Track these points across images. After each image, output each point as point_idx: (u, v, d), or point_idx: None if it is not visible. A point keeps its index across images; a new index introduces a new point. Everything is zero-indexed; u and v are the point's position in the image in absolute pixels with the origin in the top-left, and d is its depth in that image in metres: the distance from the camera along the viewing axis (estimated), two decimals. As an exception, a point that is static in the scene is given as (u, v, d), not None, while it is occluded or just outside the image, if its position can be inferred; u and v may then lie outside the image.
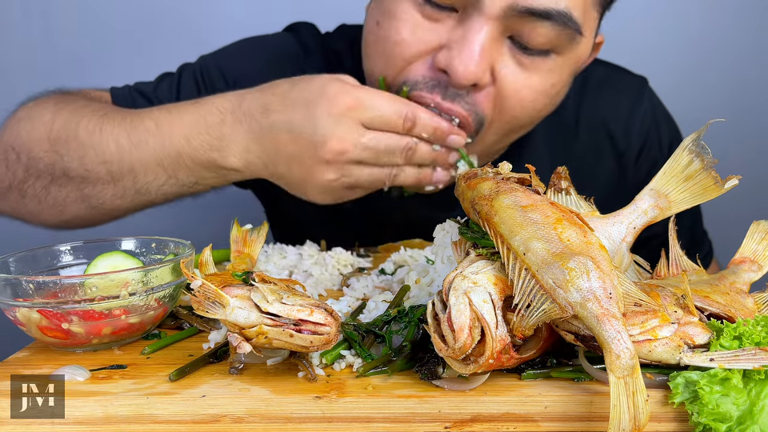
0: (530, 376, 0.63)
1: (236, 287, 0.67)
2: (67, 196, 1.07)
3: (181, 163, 1.03)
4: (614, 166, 1.32)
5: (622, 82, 1.34)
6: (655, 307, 0.61)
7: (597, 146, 1.31)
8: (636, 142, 1.31)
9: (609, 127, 1.31)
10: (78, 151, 1.04)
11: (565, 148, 1.30)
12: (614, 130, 1.31)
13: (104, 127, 1.05)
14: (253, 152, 1.00)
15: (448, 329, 0.58)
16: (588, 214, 0.70)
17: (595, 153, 1.31)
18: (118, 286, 0.71)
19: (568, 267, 0.58)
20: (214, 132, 1.01)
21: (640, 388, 0.53)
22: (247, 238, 0.91)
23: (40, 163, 1.06)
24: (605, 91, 1.31)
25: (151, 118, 1.04)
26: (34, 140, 1.07)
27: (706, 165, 0.70)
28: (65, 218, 1.10)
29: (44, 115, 1.08)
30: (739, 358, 0.58)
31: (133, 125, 1.04)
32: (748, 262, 0.77)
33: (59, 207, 1.09)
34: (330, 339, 0.62)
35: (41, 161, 1.06)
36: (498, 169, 0.73)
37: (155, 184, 1.05)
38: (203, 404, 0.61)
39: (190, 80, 1.26)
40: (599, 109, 1.30)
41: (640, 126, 1.31)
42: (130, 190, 1.05)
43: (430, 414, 0.59)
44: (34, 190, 1.08)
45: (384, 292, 0.88)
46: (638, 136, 1.31)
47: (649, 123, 1.32)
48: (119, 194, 1.06)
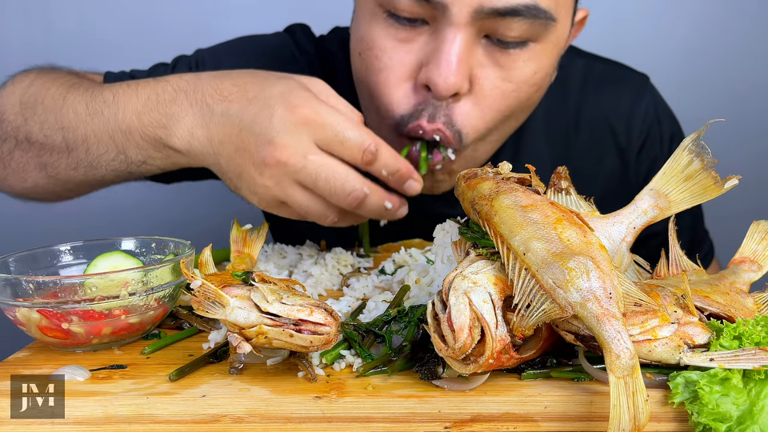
0: (530, 376, 0.63)
1: (236, 287, 0.67)
2: (28, 162, 1.07)
3: (130, 138, 1.00)
4: (617, 163, 1.32)
5: (624, 79, 1.34)
6: (655, 307, 0.61)
7: (599, 143, 1.31)
8: (637, 138, 1.31)
9: (611, 123, 1.31)
10: (41, 116, 1.05)
11: (567, 146, 1.30)
12: (616, 126, 1.31)
13: (68, 96, 1.05)
14: (198, 137, 0.95)
15: (448, 329, 0.58)
16: (588, 214, 0.70)
17: (597, 150, 1.31)
18: (118, 286, 0.71)
19: (568, 267, 0.58)
20: (164, 109, 0.97)
21: (640, 388, 0.53)
22: (247, 238, 0.91)
23: (8, 126, 1.07)
24: (606, 88, 1.32)
25: (110, 91, 1.03)
26: (8, 104, 1.07)
27: (706, 165, 0.70)
28: (27, 186, 1.10)
29: (23, 82, 1.10)
30: (739, 358, 0.58)
31: (93, 96, 1.03)
32: (748, 262, 0.77)
33: (21, 173, 1.09)
34: (330, 339, 0.62)
35: (10, 124, 1.07)
36: (498, 169, 0.73)
37: (105, 158, 1.02)
38: (203, 404, 0.61)
39: (185, 71, 1.23)
40: (601, 105, 1.30)
41: (641, 122, 1.31)
42: (83, 162, 1.03)
43: (430, 414, 0.59)
44: (1, 153, 1.08)
45: (384, 292, 0.88)
46: (640, 132, 1.31)
47: (651, 119, 1.32)
48: (72, 165, 1.04)
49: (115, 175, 1.05)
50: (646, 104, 1.32)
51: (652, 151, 1.32)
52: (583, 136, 1.30)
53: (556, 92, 1.27)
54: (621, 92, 1.32)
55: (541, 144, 1.29)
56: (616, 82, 1.33)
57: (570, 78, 1.30)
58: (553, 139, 1.30)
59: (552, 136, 1.29)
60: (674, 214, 0.73)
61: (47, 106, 1.04)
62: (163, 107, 0.97)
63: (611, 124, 1.31)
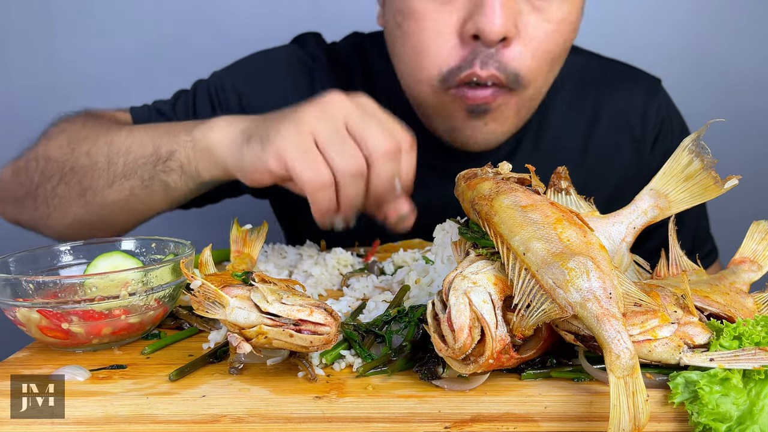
0: (530, 376, 0.63)
1: (236, 287, 0.67)
2: (70, 192, 1.10)
3: (171, 132, 1.05)
4: (632, 154, 1.37)
5: (639, 78, 1.41)
6: (655, 307, 0.61)
7: (616, 134, 1.37)
8: (651, 130, 1.37)
9: (627, 116, 1.37)
10: (91, 143, 1.09)
11: (587, 138, 1.35)
12: (632, 119, 1.37)
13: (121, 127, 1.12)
14: (236, 124, 0.98)
15: (448, 329, 0.58)
16: (588, 214, 0.70)
17: (615, 141, 1.37)
18: (118, 286, 0.71)
19: (568, 267, 0.58)
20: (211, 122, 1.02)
21: (640, 388, 0.53)
22: (247, 238, 0.91)
23: (55, 165, 1.11)
24: (623, 84, 1.38)
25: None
26: (56, 146, 1.12)
27: (706, 165, 0.70)
28: (67, 221, 1.13)
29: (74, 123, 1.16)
30: (739, 358, 0.58)
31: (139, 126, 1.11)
32: (748, 262, 0.77)
33: (63, 207, 1.12)
34: (330, 339, 0.62)
35: (57, 162, 1.11)
36: (498, 169, 0.73)
37: (139, 162, 1.05)
38: (203, 404, 0.61)
39: (205, 97, 1.31)
40: (618, 99, 1.37)
41: (656, 115, 1.37)
42: (119, 174, 1.06)
43: (430, 414, 0.59)
44: (45, 192, 1.12)
45: (384, 292, 0.88)
46: (654, 125, 1.37)
47: (664, 115, 1.38)
48: (109, 180, 1.07)
49: (143, 186, 1.07)
50: (659, 101, 1.38)
51: (663, 144, 1.37)
52: (602, 128, 1.36)
53: (576, 88, 1.35)
54: (636, 89, 1.38)
55: (561, 135, 1.34)
56: (633, 80, 1.39)
57: (589, 75, 1.37)
58: (574, 131, 1.35)
59: (573, 129, 1.35)
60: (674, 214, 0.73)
61: (98, 135, 1.10)
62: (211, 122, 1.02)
63: (628, 118, 1.37)
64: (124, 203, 1.09)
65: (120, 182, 1.07)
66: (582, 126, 1.35)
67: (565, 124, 1.34)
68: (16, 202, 1.18)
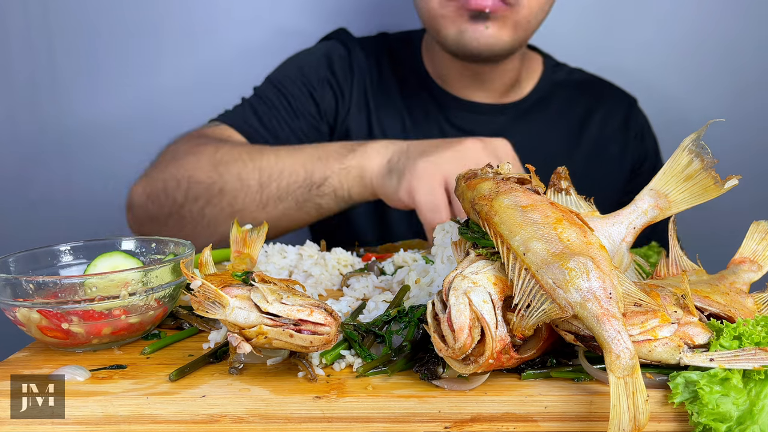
0: (530, 376, 0.63)
1: (236, 287, 0.67)
2: (220, 212, 1.19)
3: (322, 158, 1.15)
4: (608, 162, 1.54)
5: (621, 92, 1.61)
6: (655, 307, 0.61)
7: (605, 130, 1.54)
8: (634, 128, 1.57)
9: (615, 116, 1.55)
10: (239, 166, 1.18)
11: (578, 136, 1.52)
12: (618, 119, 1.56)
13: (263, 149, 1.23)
14: (383, 153, 1.11)
15: (448, 329, 0.58)
16: (588, 214, 0.70)
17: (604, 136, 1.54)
18: (118, 286, 0.71)
19: (568, 267, 0.58)
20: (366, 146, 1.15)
21: (640, 388, 0.53)
22: (247, 238, 0.91)
23: (200, 186, 1.19)
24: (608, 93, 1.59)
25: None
26: (198, 168, 1.21)
27: (706, 165, 0.70)
28: (215, 238, 1.19)
29: (208, 148, 1.25)
30: (739, 358, 0.58)
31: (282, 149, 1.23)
32: (748, 262, 0.77)
33: (212, 226, 1.20)
34: (330, 339, 0.62)
35: (202, 184, 1.19)
36: (498, 169, 0.73)
37: (293, 186, 1.15)
38: (203, 404, 0.61)
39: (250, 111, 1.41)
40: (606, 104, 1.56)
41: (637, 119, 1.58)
42: (272, 197, 1.16)
43: (430, 414, 0.59)
44: (191, 213, 1.20)
45: (384, 292, 0.88)
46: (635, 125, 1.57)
47: (643, 120, 1.60)
48: (263, 203, 1.17)
49: (297, 208, 1.17)
50: (638, 110, 1.60)
51: (643, 144, 1.56)
52: (592, 128, 1.53)
53: (568, 94, 1.53)
54: (621, 97, 1.60)
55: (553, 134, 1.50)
56: (616, 92, 1.61)
57: (578, 84, 1.57)
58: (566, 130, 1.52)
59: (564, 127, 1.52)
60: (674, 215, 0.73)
61: (244, 160, 1.19)
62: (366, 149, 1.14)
63: (615, 118, 1.55)
64: (275, 221, 1.16)
65: (274, 204, 1.16)
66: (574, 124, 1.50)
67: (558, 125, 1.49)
68: (154, 221, 1.24)
